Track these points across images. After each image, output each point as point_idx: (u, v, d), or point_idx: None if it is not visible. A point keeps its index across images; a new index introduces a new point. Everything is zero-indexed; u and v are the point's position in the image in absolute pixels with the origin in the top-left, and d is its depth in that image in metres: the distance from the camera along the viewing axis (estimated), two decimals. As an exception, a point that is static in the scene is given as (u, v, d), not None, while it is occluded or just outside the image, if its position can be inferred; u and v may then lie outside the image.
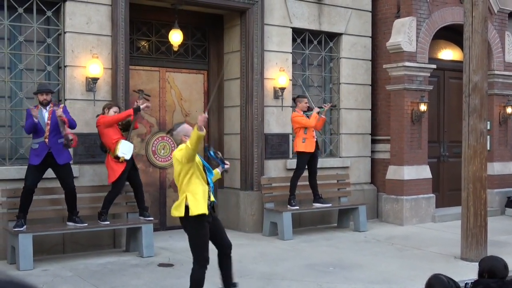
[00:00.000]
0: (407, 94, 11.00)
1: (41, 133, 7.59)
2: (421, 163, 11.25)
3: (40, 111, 7.60)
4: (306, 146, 9.71)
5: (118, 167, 8.14)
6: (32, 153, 7.64)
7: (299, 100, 9.89)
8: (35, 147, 7.61)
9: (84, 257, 8.15)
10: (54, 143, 7.62)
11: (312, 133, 9.74)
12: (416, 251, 8.82)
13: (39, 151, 7.56)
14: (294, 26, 10.63)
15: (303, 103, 9.85)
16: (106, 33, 8.76)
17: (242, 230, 10.15)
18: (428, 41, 11.23)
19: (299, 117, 9.74)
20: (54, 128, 7.63)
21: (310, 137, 9.72)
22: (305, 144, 9.71)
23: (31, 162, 7.59)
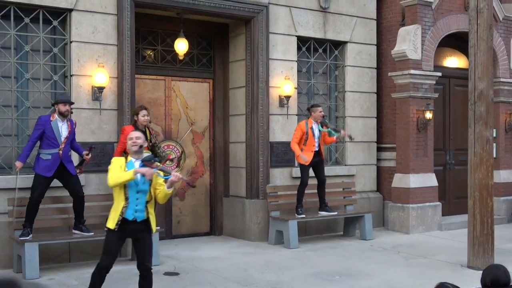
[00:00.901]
0: (413, 102, 10.99)
1: (55, 145, 7.61)
2: (427, 171, 11.22)
3: (55, 122, 7.63)
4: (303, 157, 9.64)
5: None
6: (42, 164, 7.60)
7: (313, 110, 9.78)
8: (47, 157, 7.60)
9: (90, 266, 8.08)
10: (65, 154, 7.69)
11: (312, 147, 9.65)
12: (422, 259, 8.79)
13: (51, 163, 7.57)
14: (299, 35, 10.65)
15: (318, 112, 9.74)
16: (112, 42, 8.80)
17: (247, 239, 10.14)
18: (434, 49, 11.23)
19: (297, 132, 9.66)
20: (69, 141, 7.72)
21: (309, 150, 9.64)
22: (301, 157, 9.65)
23: (42, 173, 7.57)
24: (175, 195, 10.31)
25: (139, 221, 5.55)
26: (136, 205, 5.53)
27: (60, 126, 7.67)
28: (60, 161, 7.61)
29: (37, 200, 7.57)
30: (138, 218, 5.54)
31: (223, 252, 9.25)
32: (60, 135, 7.65)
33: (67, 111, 7.67)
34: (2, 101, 8.23)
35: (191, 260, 8.60)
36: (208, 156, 10.74)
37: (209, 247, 9.65)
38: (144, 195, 5.55)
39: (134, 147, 5.56)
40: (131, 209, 5.51)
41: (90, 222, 8.18)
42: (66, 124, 7.74)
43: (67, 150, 7.72)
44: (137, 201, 5.52)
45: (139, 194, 5.53)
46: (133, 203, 5.52)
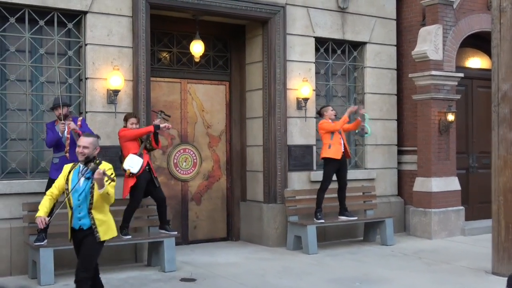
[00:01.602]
0: (434, 104, 10.91)
1: (62, 148, 7.70)
2: (449, 174, 11.13)
3: (58, 126, 7.69)
4: (332, 152, 9.57)
5: (128, 182, 8.22)
6: (52, 167, 7.74)
7: (325, 110, 9.79)
8: (56, 161, 7.72)
9: (105, 272, 8.15)
10: (74, 157, 7.68)
11: (339, 140, 9.63)
12: (445, 265, 8.71)
13: (59, 165, 7.61)
14: (317, 36, 10.63)
15: (329, 111, 9.74)
16: (127, 44, 8.85)
17: (265, 244, 10.12)
18: (455, 49, 11.14)
19: (325, 123, 9.65)
20: (74, 142, 7.70)
21: (337, 143, 9.59)
22: (331, 150, 9.58)
23: (52, 176, 7.66)
24: (191, 200, 10.33)
25: (85, 229, 5.46)
26: (79, 213, 5.45)
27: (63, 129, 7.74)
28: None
29: None
30: (83, 226, 5.46)
31: (240, 257, 9.24)
32: (64, 138, 7.72)
33: (60, 115, 7.70)
34: (17, 105, 8.30)
35: (207, 266, 8.60)
36: (225, 160, 10.74)
37: (226, 252, 9.64)
38: (84, 201, 5.44)
39: (80, 156, 5.46)
40: (75, 218, 5.46)
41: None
42: (66, 126, 7.77)
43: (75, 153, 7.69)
44: (79, 209, 5.45)
45: (80, 201, 5.44)
46: (76, 210, 5.45)
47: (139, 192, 8.28)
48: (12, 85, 8.31)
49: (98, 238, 5.44)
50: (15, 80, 8.28)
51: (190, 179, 10.33)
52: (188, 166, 10.30)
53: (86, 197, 5.41)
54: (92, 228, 5.44)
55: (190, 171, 10.33)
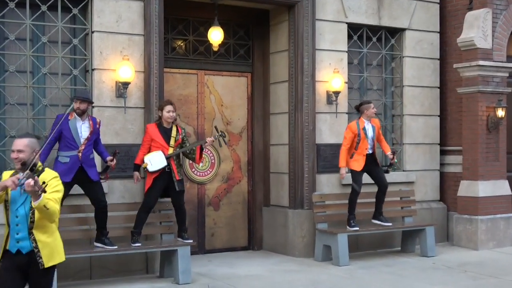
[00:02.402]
0: (482, 98, 10.81)
1: (74, 146, 7.70)
2: (498, 177, 11.03)
3: (73, 121, 7.72)
4: (354, 163, 9.60)
5: (147, 181, 8.32)
6: (60, 167, 7.65)
7: (366, 107, 9.68)
8: (65, 160, 7.69)
9: (113, 284, 8.23)
10: (86, 157, 7.76)
11: (364, 150, 9.57)
12: (493, 279, 8.63)
13: (70, 166, 7.65)
14: (350, 21, 10.57)
15: (371, 110, 9.67)
16: (138, 32, 8.87)
17: (290, 254, 10.10)
18: (507, 37, 11.04)
19: (346, 134, 9.65)
20: (91, 143, 7.81)
21: (361, 154, 9.58)
22: (352, 160, 9.61)
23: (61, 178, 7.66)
24: (209, 204, 10.34)
25: (24, 253, 4.75)
26: (17, 233, 4.76)
27: (79, 126, 7.75)
28: (79, 164, 7.69)
29: None
30: (22, 249, 4.75)
31: (263, 269, 9.23)
32: (79, 135, 7.72)
33: (78, 109, 7.74)
34: (17, 99, 8.38)
35: (226, 278, 8.60)
36: (246, 160, 10.74)
37: (247, 263, 9.64)
38: (24, 218, 4.75)
39: (16, 163, 4.79)
40: (13, 238, 4.77)
41: (114, 234, 8.25)
42: (88, 123, 7.82)
43: (88, 153, 7.79)
44: (17, 228, 4.76)
45: (18, 218, 4.75)
46: (14, 230, 4.76)
47: (153, 194, 8.31)
48: (12, 76, 8.38)
49: (42, 265, 4.74)
50: (14, 71, 8.35)
51: (208, 182, 10.35)
52: (205, 167, 10.31)
53: (26, 214, 4.74)
54: (33, 252, 4.75)
55: (208, 173, 10.34)
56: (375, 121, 9.87)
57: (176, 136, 8.42)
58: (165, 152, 8.27)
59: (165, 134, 8.34)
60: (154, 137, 8.29)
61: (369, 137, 9.62)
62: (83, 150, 7.73)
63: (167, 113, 8.34)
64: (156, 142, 8.28)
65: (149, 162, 8.22)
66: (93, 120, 7.91)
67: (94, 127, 7.86)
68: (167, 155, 8.28)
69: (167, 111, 8.35)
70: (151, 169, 8.21)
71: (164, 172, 8.28)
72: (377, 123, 9.92)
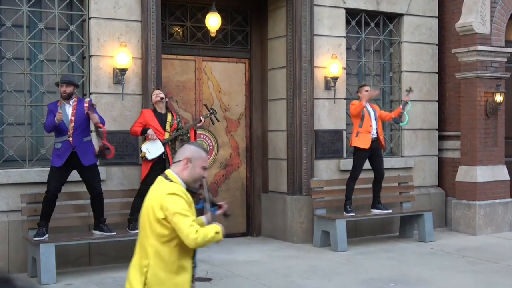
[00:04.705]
0: (480, 83, 10.80)
1: (64, 131, 7.66)
2: (497, 162, 11.04)
3: (62, 106, 7.67)
4: (359, 141, 9.61)
5: (145, 167, 8.32)
6: (54, 153, 7.72)
7: (360, 90, 9.78)
8: (58, 146, 7.69)
9: (112, 270, 8.24)
10: (79, 142, 7.69)
11: (368, 127, 9.61)
12: (491, 264, 8.65)
13: (62, 151, 7.64)
14: (348, 7, 10.54)
15: (363, 91, 9.69)
16: (136, 18, 8.84)
17: (289, 240, 10.12)
18: (505, 21, 11.01)
19: (352, 106, 9.68)
20: (79, 125, 7.69)
21: (365, 131, 9.59)
22: (358, 138, 9.62)
23: (53, 163, 7.68)
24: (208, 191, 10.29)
25: None
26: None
27: (66, 110, 7.71)
28: (71, 149, 7.63)
29: (52, 193, 7.65)
30: None
31: (262, 255, 9.25)
32: (68, 119, 7.67)
33: (64, 92, 7.68)
34: (14, 86, 8.35)
35: (225, 264, 8.61)
36: (244, 146, 10.73)
37: (245, 249, 9.66)
38: None
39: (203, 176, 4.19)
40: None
41: (111, 220, 8.26)
42: (72, 106, 7.75)
43: (79, 137, 7.68)
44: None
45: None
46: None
47: (150, 181, 8.27)
48: (9, 63, 8.35)
49: None
50: (11, 58, 8.32)
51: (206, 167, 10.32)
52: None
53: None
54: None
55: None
56: (374, 106, 9.91)
57: (171, 121, 8.44)
58: (161, 138, 8.28)
59: (160, 120, 8.36)
60: (149, 122, 8.29)
61: (372, 117, 9.64)
62: (73, 134, 7.65)
63: (155, 97, 8.41)
64: (151, 127, 8.27)
65: (147, 151, 8.21)
66: (78, 102, 7.80)
67: (76, 109, 7.72)
68: (163, 140, 8.28)
69: (154, 95, 8.42)
70: (150, 157, 8.21)
71: (160, 159, 8.28)
72: (377, 107, 9.97)
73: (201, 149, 4.09)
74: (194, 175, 4.00)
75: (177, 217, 3.75)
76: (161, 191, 3.83)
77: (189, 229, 3.75)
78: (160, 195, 3.81)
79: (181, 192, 3.87)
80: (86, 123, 7.79)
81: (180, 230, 3.75)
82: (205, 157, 4.08)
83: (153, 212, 3.81)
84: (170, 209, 3.75)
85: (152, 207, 3.83)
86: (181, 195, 3.85)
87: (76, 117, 7.69)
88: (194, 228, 3.78)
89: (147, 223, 3.85)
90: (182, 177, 3.96)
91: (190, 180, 3.99)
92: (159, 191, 3.85)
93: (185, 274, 3.99)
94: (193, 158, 3.98)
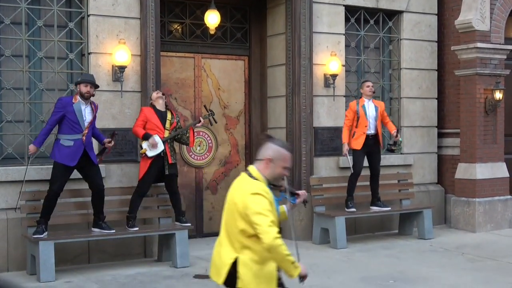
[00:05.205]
0: (480, 80, 10.79)
1: (79, 130, 7.65)
2: (496, 160, 11.03)
3: (78, 104, 7.66)
4: (353, 141, 9.68)
5: (143, 165, 8.30)
6: (64, 151, 7.61)
7: (362, 86, 9.91)
8: (69, 144, 7.61)
9: (111, 268, 8.25)
10: (88, 141, 7.75)
11: (364, 128, 9.61)
12: (490, 262, 8.65)
13: (75, 150, 7.58)
14: (347, 4, 10.53)
15: (365, 88, 9.80)
16: (135, 15, 8.83)
17: (288, 237, 10.03)
18: (504, 18, 11.00)
19: (346, 113, 9.80)
20: (92, 126, 7.82)
21: (360, 132, 9.62)
22: (354, 139, 9.68)
23: (64, 162, 7.59)
24: (206, 188, 10.34)
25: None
26: None
27: (83, 109, 7.72)
28: (83, 148, 7.65)
29: (56, 193, 7.63)
30: None
31: (261, 252, 9.23)
32: (83, 119, 7.69)
33: (88, 93, 7.70)
34: (13, 83, 8.34)
35: (224, 262, 8.60)
36: (244, 143, 10.73)
37: (245, 247, 9.64)
38: None
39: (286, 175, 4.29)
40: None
41: (110, 218, 8.25)
42: (90, 107, 7.80)
43: (90, 137, 7.79)
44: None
45: None
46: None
47: (148, 179, 8.32)
48: (7, 61, 8.34)
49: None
50: (10, 56, 8.31)
51: (205, 166, 10.34)
52: (203, 151, 10.30)
53: None
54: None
55: (205, 157, 10.33)
56: (379, 103, 9.92)
57: (171, 119, 8.45)
58: (161, 135, 8.28)
59: (160, 117, 8.37)
60: (150, 119, 8.29)
61: (368, 115, 9.65)
62: (87, 134, 7.71)
63: (156, 93, 8.48)
64: (151, 124, 8.28)
65: (148, 148, 8.22)
66: (94, 105, 7.89)
67: (95, 111, 7.86)
68: (163, 138, 8.28)
69: (156, 92, 8.51)
70: (150, 154, 8.21)
71: (158, 157, 8.28)
72: (382, 105, 9.96)
73: (284, 148, 4.20)
74: (275, 174, 4.17)
75: (258, 216, 3.92)
76: (245, 190, 4.02)
77: (269, 228, 3.91)
78: (244, 193, 4.01)
79: (264, 191, 4.04)
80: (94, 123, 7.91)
81: (259, 225, 3.91)
82: (286, 157, 4.18)
83: (237, 209, 4.03)
84: (252, 208, 3.94)
85: (235, 204, 4.05)
86: (264, 194, 4.02)
87: (93, 119, 7.81)
88: (275, 229, 3.93)
89: (231, 219, 4.09)
90: (265, 174, 4.14)
91: (271, 178, 4.18)
92: (243, 189, 4.05)
93: (271, 263, 4.13)
94: (274, 158, 4.13)
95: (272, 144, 4.20)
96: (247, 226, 4.00)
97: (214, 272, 4.21)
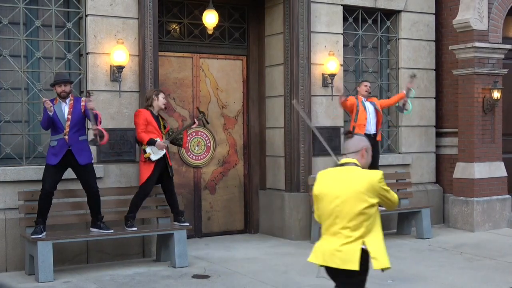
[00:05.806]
0: (478, 80, 10.80)
1: (60, 129, 7.64)
2: (494, 159, 11.05)
3: (58, 105, 7.67)
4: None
5: (145, 169, 8.24)
6: (50, 151, 7.71)
7: (359, 85, 9.96)
8: (54, 144, 7.68)
9: (110, 268, 8.24)
10: (75, 140, 7.67)
11: (363, 120, 9.63)
12: (489, 261, 8.66)
13: (57, 149, 7.63)
14: (346, 4, 10.53)
15: (362, 87, 9.84)
16: (132, 15, 8.82)
17: (287, 237, 10.12)
18: (502, 18, 11.01)
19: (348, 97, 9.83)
20: (75, 124, 7.67)
21: (360, 125, 9.64)
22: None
23: (49, 161, 7.66)
24: (205, 188, 10.34)
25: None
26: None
27: (63, 109, 7.69)
28: (67, 147, 7.62)
29: (48, 191, 7.64)
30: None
31: (260, 252, 9.25)
32: (64, 118, 7.65)
33: (64, 92, 7.67)
34: (11, 83, 8.34)
35: (223, 262, 8.61)
36: (242, 143, 10.73)
37: (243, 246, 9.66)
38: None
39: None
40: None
41: (109, 218, 8.25)
42: (68, 105, 7.73)
43: (75, 136, 7.66)
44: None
45: None
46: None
47: (152, 182, 8.31)
48: (5, 61, 8.33)
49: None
50: (8, 56, 8.30)
51: (203, 165, 10.34)
52: (201, 151, 10.30)
53: None
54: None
55: (203, 156, 10.33)
56: (373, 100, 9.96)
57: (164, 123, 8.49)
58: (160, 139, 8.28)
59: (157, 121, 8.38)
60: (150, 122, 8.28)
61: (368, 111, 9.66)
62: (69, 132, 7.64)
63: (163, 99, 8.43)
64: (151, 128, 8.27)
65: (151, 152, 8.21)
66: (75, 101, 7.77)
67: (73, 108, 7.70)
68: (163, 141, 8.29)
69: (162, 97, 8.43)
70: (154, 158, 8.21)
71: (160, 160, 8.29)
72: (376, 100, 10.05)
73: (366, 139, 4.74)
74: (368, 162, 4.63)
75: (389, 192, 4.47)
76: (367, 178, 4.38)
77: (395, 196, 4.54)
78: (369, 181, 4.36)
79: (382, 174, 4.48)
80: (82, 122, 7.78)
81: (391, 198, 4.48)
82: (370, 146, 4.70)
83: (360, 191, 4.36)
84: (386, 188, 4.43)
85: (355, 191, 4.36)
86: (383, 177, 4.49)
87: (72, 116, 7.67)
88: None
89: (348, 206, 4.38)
90: (361, 164, 4.57)
91: (365, 166, 4.62)
92: (364, 178, 4.39)
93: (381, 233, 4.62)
94: (367, 148, 4.61)
95: (360, 137, 4.73)
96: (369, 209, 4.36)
97: (338, 263, 4.60)
